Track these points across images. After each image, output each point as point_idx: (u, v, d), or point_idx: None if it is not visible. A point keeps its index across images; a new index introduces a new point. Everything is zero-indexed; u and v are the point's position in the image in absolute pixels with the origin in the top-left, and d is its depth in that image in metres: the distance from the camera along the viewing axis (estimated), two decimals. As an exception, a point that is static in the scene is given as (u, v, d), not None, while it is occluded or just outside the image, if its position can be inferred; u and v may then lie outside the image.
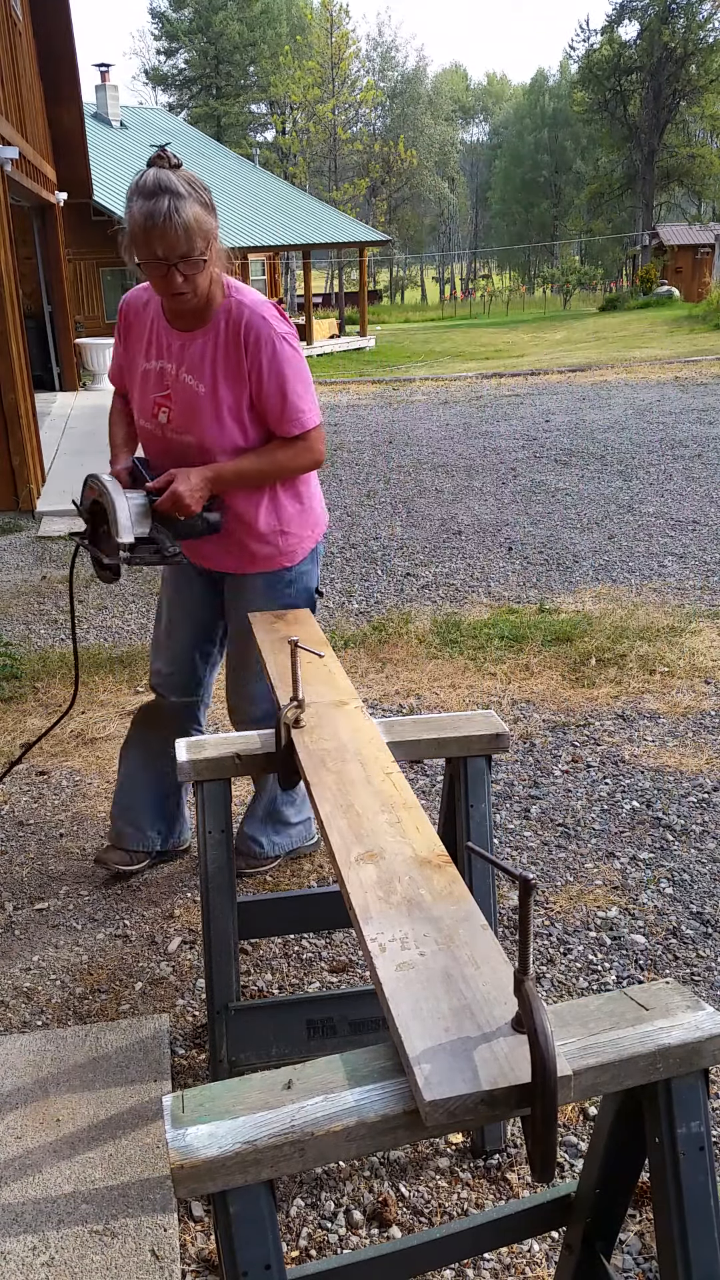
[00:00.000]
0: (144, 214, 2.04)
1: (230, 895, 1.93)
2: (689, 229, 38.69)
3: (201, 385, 2.29)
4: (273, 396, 2.30)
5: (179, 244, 2.06)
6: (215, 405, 2.30)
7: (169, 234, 2.04)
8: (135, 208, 2.05)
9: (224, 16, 51.58)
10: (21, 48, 11.07)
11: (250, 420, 2.33)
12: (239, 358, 2.27)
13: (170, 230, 2.04)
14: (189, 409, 2.31)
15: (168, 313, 2.30)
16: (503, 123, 66.73)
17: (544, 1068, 0.99)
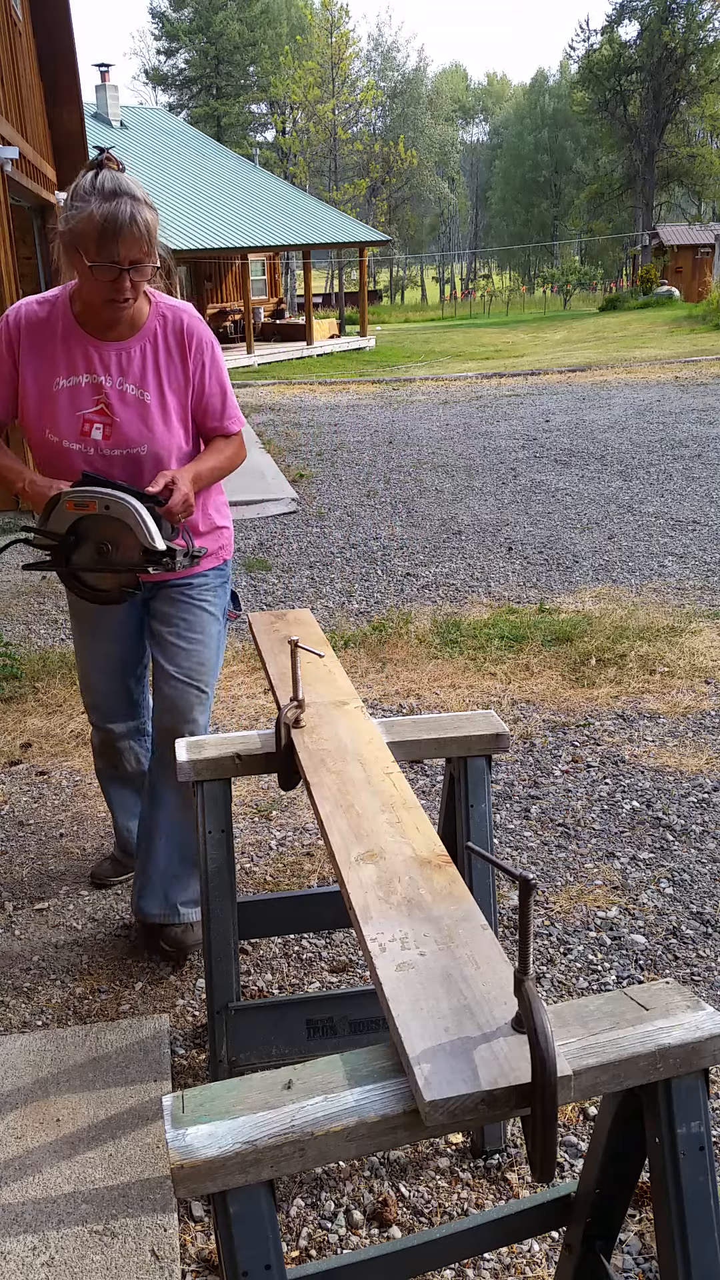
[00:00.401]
0: (105, 216, 1.97)
1: (230, 895, 1.93)
2: (689, 229, 38.68)
3: (147, 394, 2.22)
4: (215, 396, 2.31)
5: (137, 249, 2.02)
6: (164, 412, 2.24)
7: (129, 238, 2.00)
8: (95, 208, 1.98)
9: (224, 16, 51.58)
10: (21, 48, 11.07)
11: (190, 423, 2.31)
12: (182, 361, 2.24)
13: (131, 234, 2.00)
14: (138, 420, 2.22)
15: (93, 323, 2.18)
16: (503, 123, 66.72)
17: (544, 1068, 0.99)
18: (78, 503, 2.07)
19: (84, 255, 2.02)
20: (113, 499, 2.06)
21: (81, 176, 2.03)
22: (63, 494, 2.08)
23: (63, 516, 2.08)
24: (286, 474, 8.94)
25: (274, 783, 3.44)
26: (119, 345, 2.20)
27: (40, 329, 2.19)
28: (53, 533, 2.10)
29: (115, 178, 2.01)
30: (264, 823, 3.23)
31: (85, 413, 2.20)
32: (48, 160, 13.06)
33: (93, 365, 2.19)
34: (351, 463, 9.49)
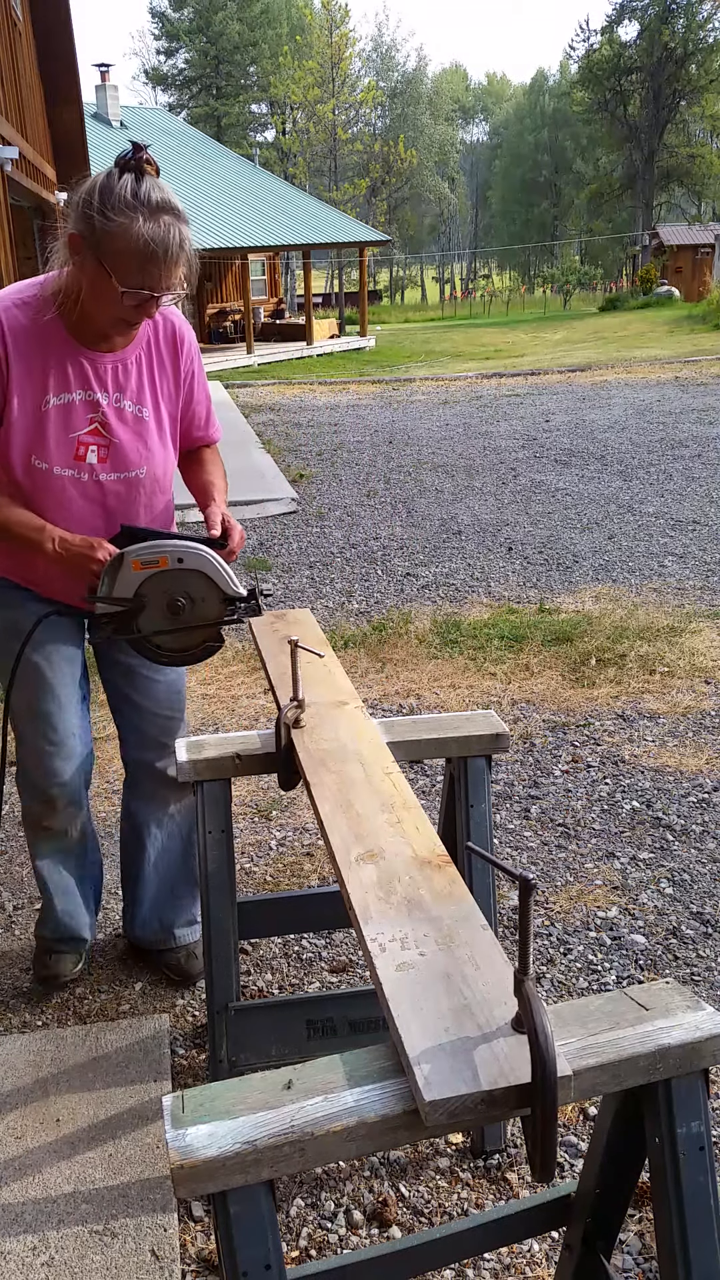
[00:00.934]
0: (153, 239, 1.71)
1: (230, 895, 1.93)
2: (689, 229, 38.69)
3: (145, 409, 2.01)
4: (202, 404, 2.16)
5: (177, 276, 1.78)
6: (160, 429, 2.05)
7: (174, 268, 1.76)
8: (139, 227, 1.70)
9: (224, 16, 51.59)
10: (21, 48, 11.07)
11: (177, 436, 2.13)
12: (174, 370, 2.04)
13: (178, 264, 1.76)
14: (137, 440, 2.01)
15: (87, 333, 1.91)
16: (503, 123, 66.75)
17: (544, 1068, 0.99)
18: (145, 561, 1.85)
19: (114, 276, 1.75)
20: (185, 550, 1.86)
21: (115, 178, 1.73)
22: (125, 554, 1.85)
23: (129, 579, 1.86)
24: (286, 474, 8.94)
25: (274, 783, 3.44)
26: (115, 357, 1.96)
27: (27, 338, 1.88)
28: (120, 599, 1.88)
29: (160, 187, 1.75)
30: (264, 823, 3.23)
31: (79, 434, 1.95)
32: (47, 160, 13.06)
33: (87, 380, 1.93)
34: (351, 463, 9.49)
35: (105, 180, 1.74)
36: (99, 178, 1.75)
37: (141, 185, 1.73)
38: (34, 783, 2.19)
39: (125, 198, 1.71)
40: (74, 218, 1.77)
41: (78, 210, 1.76)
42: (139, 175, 1.74)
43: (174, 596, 1.90)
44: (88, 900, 2.44)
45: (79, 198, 1.76)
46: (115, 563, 1.86)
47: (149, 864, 2.41)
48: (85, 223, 1.74)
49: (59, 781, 2.17)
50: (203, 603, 1.91)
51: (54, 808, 2.21)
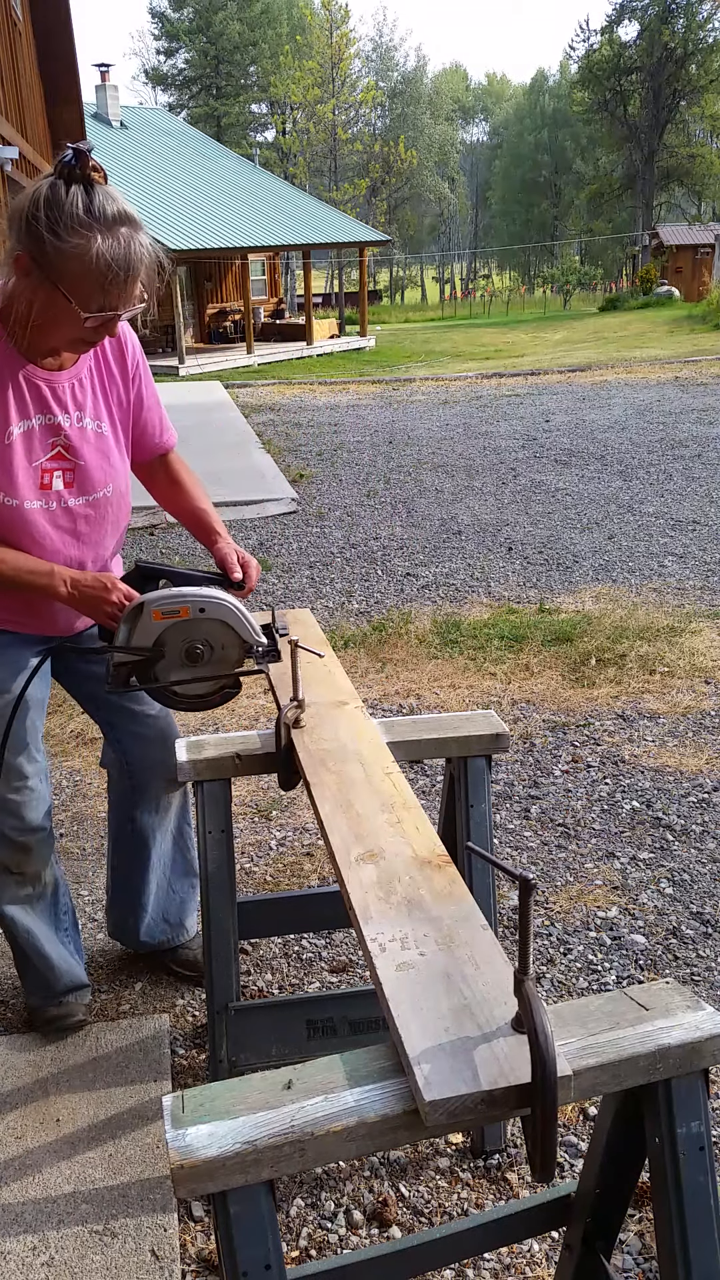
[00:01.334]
0: (114, 259, 1.58)
1: (230, 895, 1.93)
2: (689, 229, 38.70)
3: (103, 424, 1.90)
4: (154, 409, 2.03)
5: (138, 289, 1.66)
6: (118, 441, 1.94)
7: (135, 280, 1.64)
8: (98, 247, 1.56)
9: (224, 16, 51.60)
10: (21, 48, 11.08)
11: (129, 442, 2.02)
12: (123, 376, 1.93)
13: (137, 278, 1.64)
14: (101, 459, 1.91)
15: (39, 350, 1.78)
16: (503, 123, 66.76)
17: (544, 1068, 0.99)
18: (166, 611, 1.79)
19: (74, 301, 1.62)
20: (206, 600, 1.80)
21: (61, 191, 1.56)
22: (146, 602, 1.79)
23: (149, 628, 1.80)
24: (286, 474, 8.94)
25: (274, 783, 3.44)
26: (71, 374, 1.84)
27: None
28: (139, 648, 1.82)
29: (112, 197, 1.59)
30: (264, 823, 3.23)
31: (41, 461, 1.83)
32: (47, 160, 13.05)
33: (45, 403, 1.81)
34: (351, 463, 9.49)
35: (50, 193, 1.56)
36: (42, 190, 1.57)
37: (94, 199, 1.56)
38: (3, 834, 2.07)
39: (78, 215, 1.55)
40: (17, 234, 1.60)
41: (21, 226, 1.59)
42: (88, 186, 1.57)
43: (194, 644, 1.84)
44: (71, 949, 2.30)
45: (22, 212, 1.58)
46: (135, 611, 1.80)
47: (151, 870, 2.37)
48: (33, 242, 1.58)
49: (32, 827, 2.08)
50: (223, 650, 1.86)
51: (29, 853, 2.11)
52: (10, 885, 2.15)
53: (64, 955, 2.26)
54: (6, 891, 2.16)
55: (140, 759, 2.26)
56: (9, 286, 1.69)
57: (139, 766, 2.27)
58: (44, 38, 12.52)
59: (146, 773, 2.27)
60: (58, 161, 1.57)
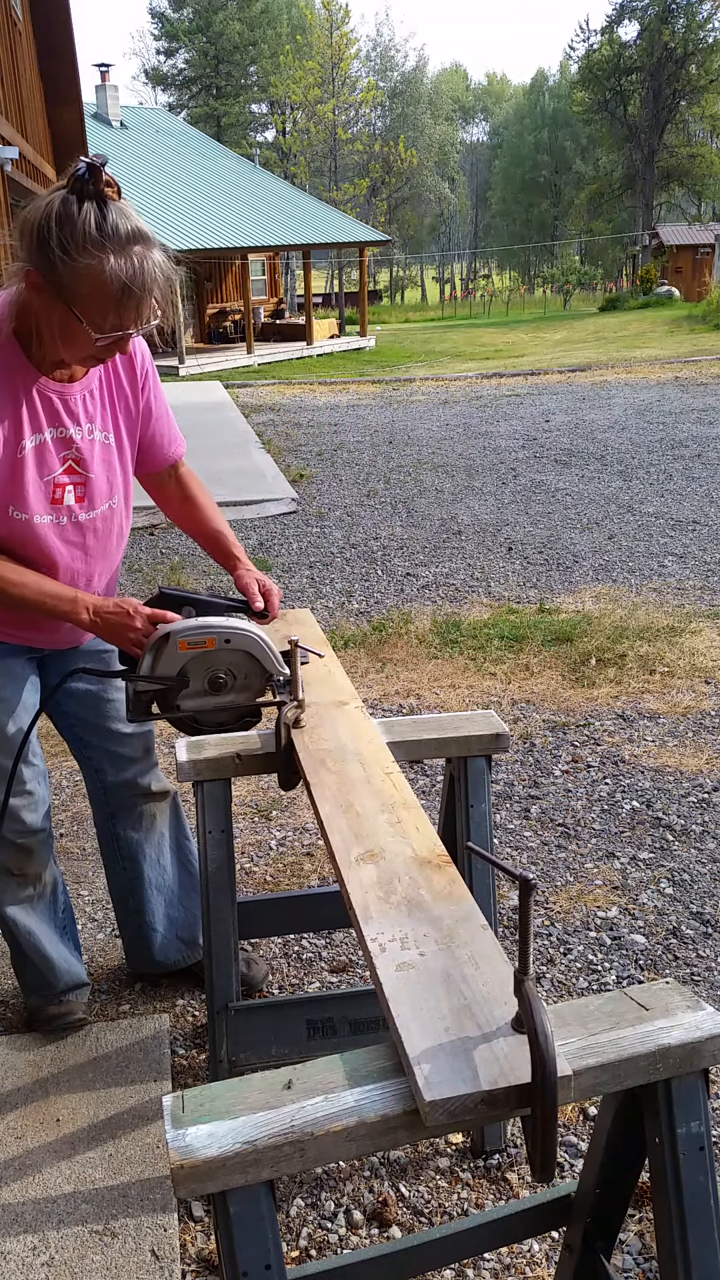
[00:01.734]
0: (128, 279, 1.54)
1: (230, 895, 1.93)
2: (689, 229, 38.72)
3: (110, 435, 1.88)
4: (163, 418, 1.99)
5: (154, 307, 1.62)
6: (122, 451, 1.91)
7: (149, 303, 1.60)
8: (111, 265, 1.52)
9: (224, 16, 51.61)
10: (21, 48, 11.08)
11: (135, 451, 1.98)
12: (132, 384, 1.90)
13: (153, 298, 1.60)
14: (106, 470, 1.88)
15: (50, 362, 1.74)
16: (503, 123, 66.75)
17: (544, 1068, 0.99)
18: (192, 642, 1.79)
19: (85, 322, 1.58)
20: (232, 631, 1.80)
21: (73, 207, 1.51)
22: (172, 633, 1.77)
23: (174, 657, 1.79)
24: (286, 474, 8.94)
25: (274, 783, 3.44)
26: (83, 385, 1.81)
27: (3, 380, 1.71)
28: (163, 677, 1.81)
29: (125, 214, 1.54)
30: (264, 823, 3.23)
31: (54, 475, 1.80)
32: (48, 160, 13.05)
33: (57, 416, 1.78)
34: (351, 463, 9.49)
35: (63, 209, 1.51)
36: (54, 205, 1.52)
37: (107, 216, 1.52)
38: (5, 837, 2.07)
39: (90, 234, 1.51)
40: (28, 250, 1.56)
41: (32, 242, 1.54)
42: (102, 203, 1.52)
43: (217, 673, 1.84)
44: (70, 947, 2.31)
45: (33, 227, 1.54)
46: (161, 641, 1.78)
47: (150, 887, 2.33)
48: (43, 260, 1.54)
49: (33, 829, 2.09)
50: (245, 680, 1.87)
51: (31, 854, 2.13)
52: (12, 887, 2.16)
53: (64, 955, 2.27)
54: (8, 893, 2.16)
55: (116, 775, 2.24)
56: (20, 299, 1.66)
57: (114, 784, 2.25)
58: (44, 37, 12.52)
59: (123, 792, 2.25)
60: (70, 174, 1.52)
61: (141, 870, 2.32)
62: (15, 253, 1.61)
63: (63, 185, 1.54)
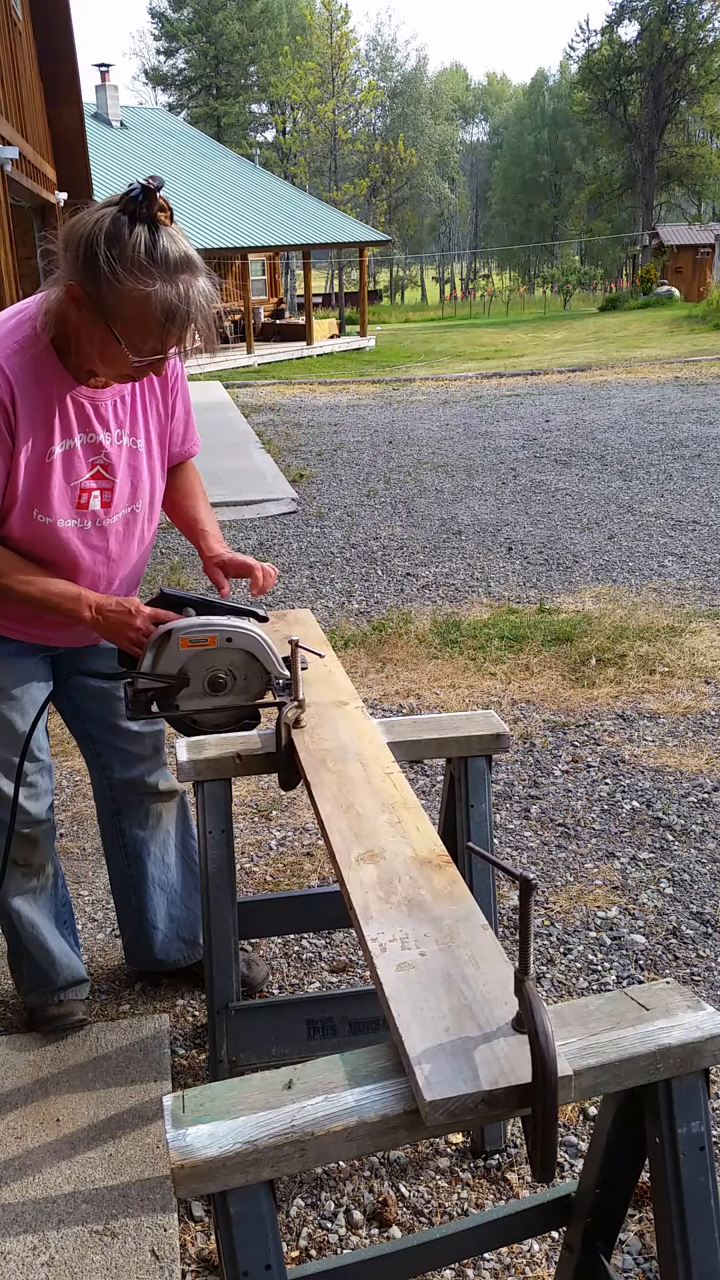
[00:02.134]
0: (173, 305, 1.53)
1: (230, 895, 1.93)
2: (689, 229, 38.73)
3: (139, 441, 1.88)
4: (182, 419, 2.00)
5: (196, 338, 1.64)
6: (150, 456, 1.91)
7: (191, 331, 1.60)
8: (157, 291, 1.51)
9: (224, 16, 51.61)
10: (21, 48, 11.08)
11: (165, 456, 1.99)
12: (163, 389, 1.91)
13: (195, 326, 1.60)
14: (131, 474, 1.88)
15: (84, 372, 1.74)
16: (503, 123, 66.75)
17: (544, 1068, 0.99)
18: (194, 639, 1.79)
19: (124, 343, 1.58)
20: (234, 630, 1.80)
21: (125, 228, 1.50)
22: (174, 630, 1.78)
23: (175, 655, 1.79)
24: (286, 474, 8.94)
25: (274, 783, 3.44)
26: (114, 391, 1.81)
27: (31, 388, 1.70)
28: (164, 675, 1.81)
29: (175, 238, 1.53)
30: (264, 823, 3.23)
31: (81, 481, 1.80)
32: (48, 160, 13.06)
33: (89, 422, 1.78)
34: (351, 463, 9.49)
35: (113, 228, 1.50)
36: (104, 222, 1.51)
37: (158, 241, 1.51)
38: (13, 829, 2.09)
39: (139, 259, 1.50)
40: (73, 263, 1.55)
41: (79, 256, 1.53)
42: (154, 227, 1.51)
43: (218, 673, 1.84)
44: (71, 942, 2.32)
45: (80, 242, 1.53)
46: (163, 638, 1.79)
47: (153, 885, 2.33)
48: (90, 277, 1.53)
49: (38, 820, 2.11)
50: (246, 680, 1.87)
51: (37, 844, 2.15)
52: (17, 878, 2.18)
53: (65, 949, 2.27)
54: (12, 884, 2.18)
55: (123, 773, 2.25)
56: (58, 307, 1.64)
57: (121, 781, 2.26)
58: (44, 37, 12.52)
59: (130, 789, 2.26)
60: (124, 195, 1.51)
61: (145, 868, 2.32)
62: (57, 262, 1.60)
63: (114, 203, 1.53)
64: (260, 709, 1.93)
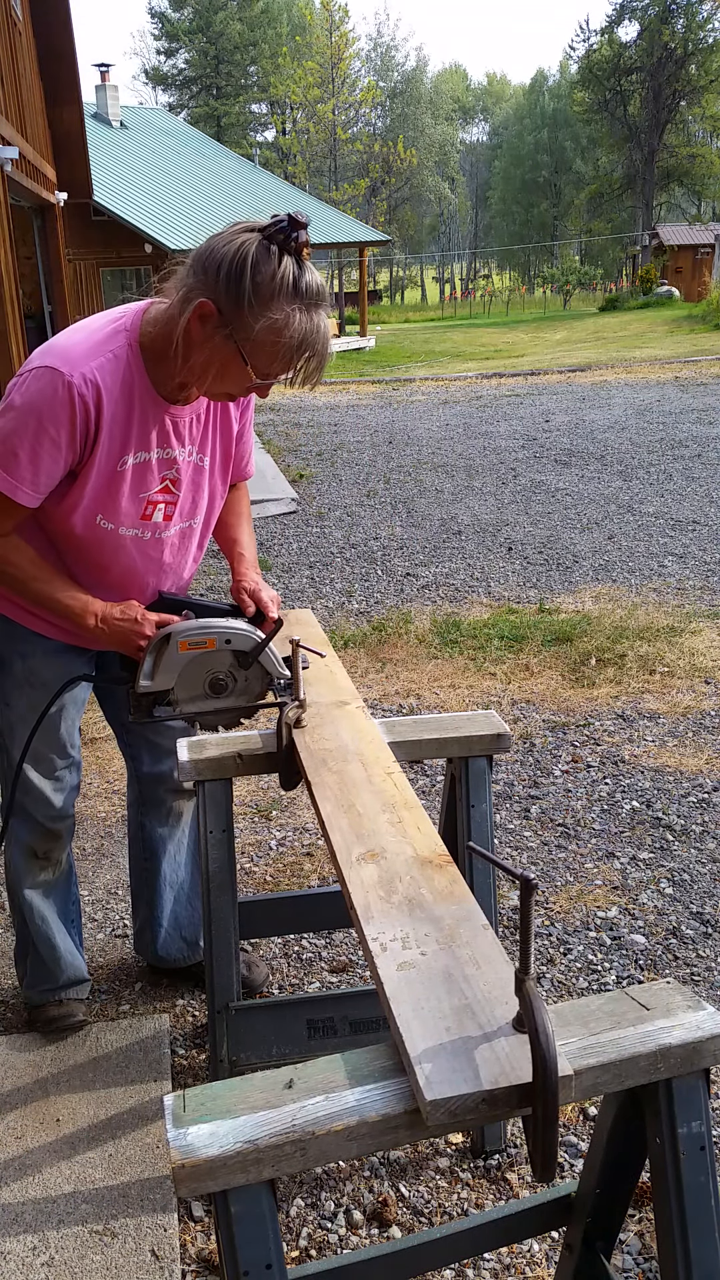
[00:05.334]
0: (307, 336, 1.59)
1: (231, 895, 1.93)
2: (689, 229, 38.72)
3: (205, 458, 1.89)
4: (248, 441, 2.01)
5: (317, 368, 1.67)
6: (213, 474, 1.93)
7: (315, 363, 1.65)
8: (296, 322, 1.57)
9: (224, 16, 51.62)
10: (21, 48, 11.08)
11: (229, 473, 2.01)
12: (238, 410, 1.93)
13: (319, 358, 1.65)
14: (194, 490, 1.89)
15: (170, 384, 1.74)
16: (503, 123, 66.78)
17: (545, 1067, 0.99)
18: (193, 641, 1.79)
19: (251, 364, 1.61)
20: (233, 632, 1.81)
21: (273, 257, 1.54)
22: (173, 634, 1.78)
23: (174, 659, 1.80)
24: (286, 474, 8.94)
25: (274, 783, 3.44)
26: (192, 409, 1.82)
27: (119, 397, 1.70)
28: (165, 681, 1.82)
29: (313, 272, 1.58)
30: (264, 823, 3.23)
31: (150, 494, 1.82)
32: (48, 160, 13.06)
33: (167, 438, 1.79)
34: (351, 463, 9.49)
35: (262, 253, 1.53)
36: (249, 249, 1.54)
37: (304, 273, 1.56)
38: (36, 820, 2.13)
39: (286, 287, 1.54)
40: (209, 281, 1.56)
41: (219, 276, 1.55)
42: (299, 259, 1.56)
43: (217, 675, 1.85)
44: (77, 940, 2.33)
45: (224, 263, 1.55)
46: (161, 642, 1.79)
47: (163, 881, 2.35)
48: (230, 300, 1.55)
49: (62, 814, 2.15)
50: (246, 682, 1.88)
51: (59, 839, 2.19)
52: (35, 870, 2.21)
53: (70, 947, 2.29)
54: (29, 876, 2.21)
55: (151, 766, 2.27)
56: (165, 318, 1.66)
57: (148, 775, 2.28)
58: (44, 37, 12.52)
59: (156, 783, 2.29)
60: (271, 224, 1.56)
61: (160, 865, 2.35)
62: (184, 278, 1.62)
63: (257, 228, 1.57)
64: (261, 709, 1.93)
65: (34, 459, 1.67)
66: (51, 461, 1.68)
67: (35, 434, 1.65)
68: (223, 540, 2.14)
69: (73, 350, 1.66)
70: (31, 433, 1.65)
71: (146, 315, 1.71)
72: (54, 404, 1.64)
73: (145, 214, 20.39)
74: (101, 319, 1.74)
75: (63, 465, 1.70)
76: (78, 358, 1.65)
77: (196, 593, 1.92)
